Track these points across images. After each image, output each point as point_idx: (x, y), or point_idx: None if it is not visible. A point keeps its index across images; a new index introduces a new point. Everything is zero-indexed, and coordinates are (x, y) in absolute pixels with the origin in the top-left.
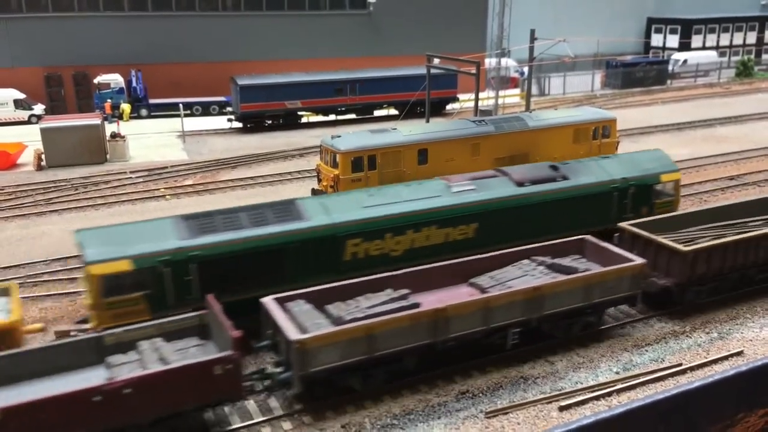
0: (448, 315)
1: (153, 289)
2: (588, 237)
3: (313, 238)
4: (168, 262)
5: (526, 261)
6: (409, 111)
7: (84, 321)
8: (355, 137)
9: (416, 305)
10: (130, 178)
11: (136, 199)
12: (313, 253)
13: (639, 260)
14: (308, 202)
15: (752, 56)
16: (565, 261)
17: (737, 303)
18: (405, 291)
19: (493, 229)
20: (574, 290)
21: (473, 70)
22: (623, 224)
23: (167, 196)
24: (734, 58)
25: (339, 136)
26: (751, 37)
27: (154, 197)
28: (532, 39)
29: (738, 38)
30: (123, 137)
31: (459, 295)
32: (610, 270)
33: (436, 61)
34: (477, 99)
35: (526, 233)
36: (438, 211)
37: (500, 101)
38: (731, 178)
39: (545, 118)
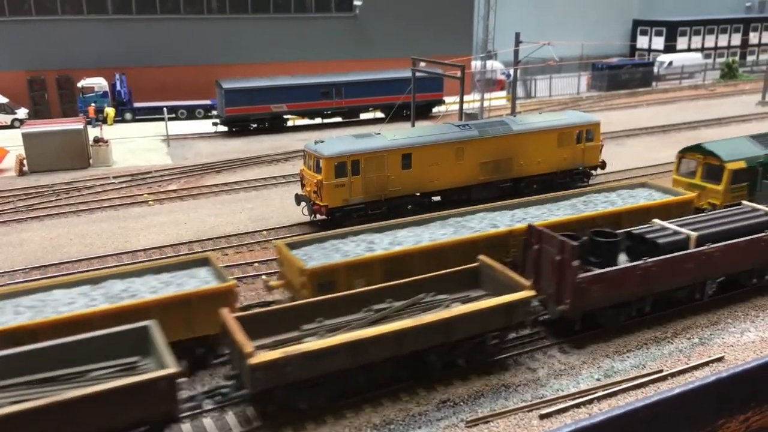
0: None
1: (751, 181)
2: None
3: None
4: (761, 164)
5: None
6: (396, 114)
7: None
8: (338, 142)
9: None
10: (113, 183)
11: (118, 205)
12: None
13: None
14: None
15: (736, 58)
16: None
17: (718, 308)
18: None
19: None
20: None
21: (458, 74)
22: None
23: (150, 202)
24: (719, 60)
25: (322, 142)
26: (736, 39)
27: (137, 203)
28: (517, 42)
29: (723, 40)
30: (106, 142)
31: None
32: None
33: (422, 64)
34: (462, 103)
35: None
36: None
37: (486, 104)
38: None
39: (529, 122)
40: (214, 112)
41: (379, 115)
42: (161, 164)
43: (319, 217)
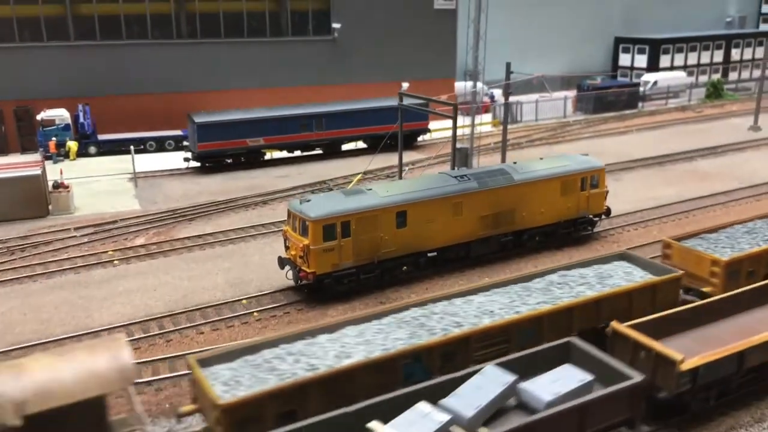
0: None
1: None
2: None
3: None
4: None
5: None
6: (378, 143)
7: None
8: (326, 201)
9: None
10: (75, 236)
11: (80, 266)
12: None
13: None
14: None
15: (719, 76)
16: None
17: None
18: None
19: None
20: None
21: (447, 96)
22: None
23: (115, 261)
24: (701, 78)
25: (309, 201)
26: (718, 56)
27: (100, 262)
28: (508, 74)
29: (705, 57)
30: (67, 187)
31: None
32: None
33: (411, 100)
34: (454, 145)
35: None
36: None
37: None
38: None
39: (531, 170)
40: (186, 143)
41: (362, 145)
42: (128, 210)
43: (305, 282)
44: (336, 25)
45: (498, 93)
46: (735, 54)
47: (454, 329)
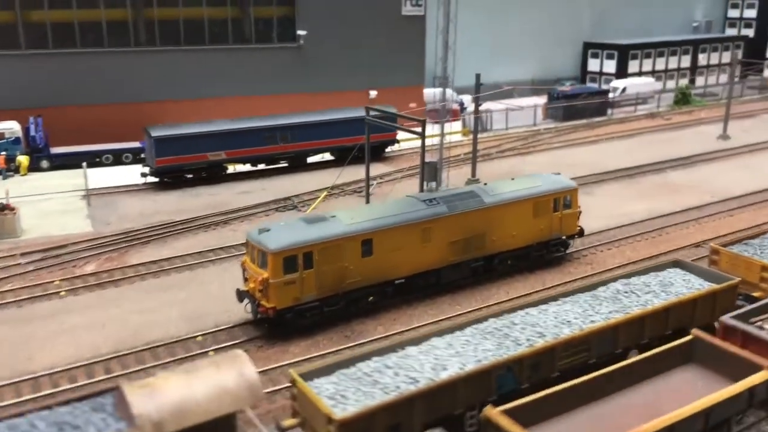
0: None
1: None
2: None
3: None
4: None
5: None
6: (345, 155)
7: None
8: (287, 231)
9: None
10: (20, 264)
11: (23, 299)
12: None
13: None
14: None
15: (687, 81)
16: None
17: None
18: None
19: None
20: None
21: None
22: None
23: (62, 293)
24: (669, 83)
25: (268, 230)
26: (686, 61)
27: (46, 294)
28: (478, 87)
29: (673, 62)
30: (13, 210)
31: None
32: None
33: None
34: (423, 162)
35: None
36: None
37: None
38: (697, 245)
39: (502, 191)
40: (144, 155)
41: (329, 157)
42: (79, 233)
43: (265, 317)
44: (301, 32)
45: (468, 99)
46: (702, 59)
47: (538, 339)
